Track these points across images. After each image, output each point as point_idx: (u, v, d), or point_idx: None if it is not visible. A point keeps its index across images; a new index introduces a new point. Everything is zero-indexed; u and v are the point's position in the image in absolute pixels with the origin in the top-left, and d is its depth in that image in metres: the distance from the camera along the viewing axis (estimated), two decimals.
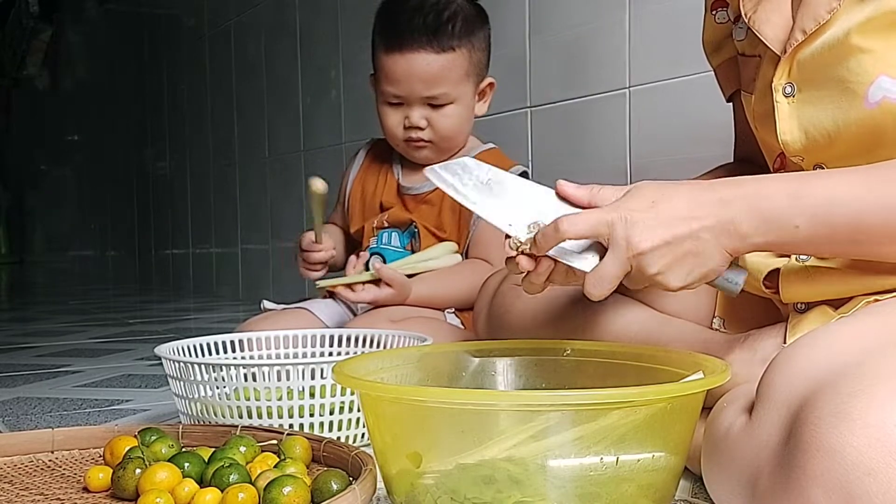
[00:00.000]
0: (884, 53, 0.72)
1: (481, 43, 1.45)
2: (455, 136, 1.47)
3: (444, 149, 1.48)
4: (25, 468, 0.84)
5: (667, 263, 0.69)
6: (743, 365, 0.77)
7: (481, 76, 1.47)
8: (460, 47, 1.41)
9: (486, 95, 1.50)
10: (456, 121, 1.45)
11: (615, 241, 0.69)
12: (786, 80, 0.79)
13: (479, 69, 1.46)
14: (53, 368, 1.68)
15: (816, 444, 0.54)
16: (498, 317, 1.02)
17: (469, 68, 1.43)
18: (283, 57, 2.77)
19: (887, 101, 0.72)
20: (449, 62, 1.40)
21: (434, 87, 1.41)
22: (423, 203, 1.49)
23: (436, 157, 1.47)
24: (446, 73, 1.40)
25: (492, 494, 0.63)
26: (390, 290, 1.35)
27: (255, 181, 3.02)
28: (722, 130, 1.05)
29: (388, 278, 1.35)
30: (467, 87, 1.44)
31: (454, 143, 1.48)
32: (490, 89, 1.50)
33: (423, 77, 1.40)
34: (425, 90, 1.41)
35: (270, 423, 0.94)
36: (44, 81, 5.73)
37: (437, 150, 1.48)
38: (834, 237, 0.69)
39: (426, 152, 1.47)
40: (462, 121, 1.46)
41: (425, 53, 1.39)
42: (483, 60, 1.47)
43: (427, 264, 1.43)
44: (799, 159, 0.80)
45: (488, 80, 1.48)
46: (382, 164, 1.56)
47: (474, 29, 1.44)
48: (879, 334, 0.62)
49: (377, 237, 1.50)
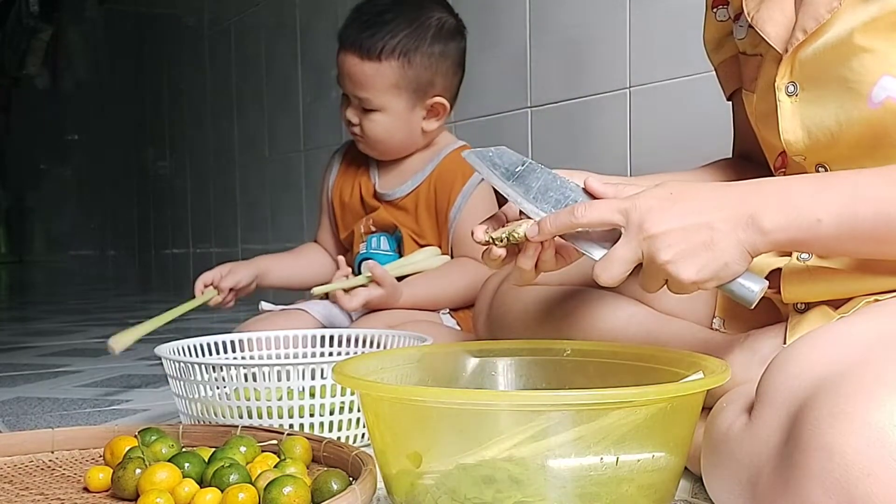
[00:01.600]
0: (887, 53, 0.72)
1: (425, 62, 1.44)
2: (383, 141, 1.49)
3: (381, 152, 1.52)
4: (25, 468, 0.84)
5: (680, 251, 0.67)
6: (742, 365, 0.77)
7: (423, 93, 1.45)
8: (389, 59, 1.41)
9: (440, 113, 1.49)
10: (382, 128, 1.47)
11: (629, 225, 0.69)
12: (788, 80, 0.78)
13: (416, 85, 1.44)
14: (53, 368, 1.68)
15: (816, 443, 0.54)
16: (498, 317, 1.02)
17: (399, 82, 1.43)
18: (283, 57, 2.77)
19: (890, 101, 0.72)
20: (373, 70, 1.42)
21: (359, 90, 1.45)
22: (398, 209, 1.51)
23: (377, 155, 1.54)
24: (370, 81, 1.43)
25: (492, 494, 0.63)
26: (381, 290, 1.36)
27: (255, 181, 3.02)
28: (722, 130, 1.05)
29: (380, 277, 1.36)
30: (397, 100, 1.44)
31: (388, 147, 1.50)
32: (443, 110, 1.48)
33: (351, 78, 1.45)
34: (353, 90, 1.46)
35: (270, 423, 0.94)
36: (44, 81, 5.72)
37: (374, 150, 1.52)
38: (856, 233, 0.67)
39: (365, 148, 1.53)
40: (391, 130, 1.47)
41: (352, 56, 1.44)
42: (426, 79, 1.45)
43: (415, 266, 1.44)
44: (801, 159, 0.80)
45: (437, 99, 1.47)
46: (359, 168, 1.58)
47: (413, 50, 1.42)
48: (880, 334, 0.62)
49: (366, 242, 1.51)
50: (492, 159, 0.78)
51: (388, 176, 1.54)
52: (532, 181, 0.77)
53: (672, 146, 1.48)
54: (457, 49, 1.49)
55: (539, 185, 0.77)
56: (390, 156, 1.53)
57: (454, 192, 1.47)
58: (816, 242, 0.69)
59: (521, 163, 0.78)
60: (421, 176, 1.50)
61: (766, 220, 0.67)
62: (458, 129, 1.92)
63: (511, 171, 0.77)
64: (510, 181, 0.77)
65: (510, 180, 0.77)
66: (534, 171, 0.78)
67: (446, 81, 1.48)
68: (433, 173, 1.49)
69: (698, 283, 0.68)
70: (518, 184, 0.77)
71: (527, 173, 0.77)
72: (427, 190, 1.49)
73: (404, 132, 1.49)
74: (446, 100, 1.48)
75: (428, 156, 1.52)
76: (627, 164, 1.56)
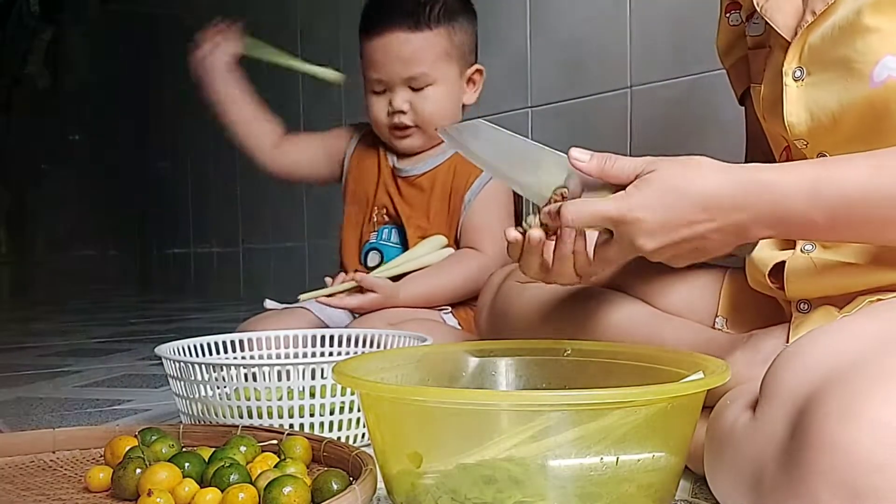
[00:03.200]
0: (891, 32, 0.72)
1: (465, 28, 1.43)
2: (439, 120, 1.42)
3: (431, 135, 1.45)
4: (27, 468, 0.84)
5: (671, 257, 0.72)
6: (745, 365, 0.76)
7: (466, 61, 1.45)
8: (438, 27, 1.39)
9: (476, 83, 1.47)
10: (439, 104, 1.42)
11: (620, 237, 0.72)
12: (796, 65, 0.79)
13: (462, 52, 1.43)
14: (54, 368, 1.68)
15: (823, 440, 0.53)
16: (500, 314, 1.02)
17: (450, 49, 1.41)
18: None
19: (892, 80, 0.72)
20: (425, 41, 1.39)
21: (412, 67, 1.39)
22: (414, 187, 1.48)
23: (421, 145, 1.47)
24: (423, 52, 1.39)
25: (492, 494, 0.63)
26: (374, 294, 1.35)
27: (256, 181, 3.02)
28: (723, 131, 1.05)
29: (370, 285, 1.34)
30: (449, 69, 1.42)
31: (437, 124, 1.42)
32: (479, 76, 1.47)
33: (401, 56, 1.39)
34: (404, 71, 1.40)
35: (271, 423, 0.94)
36: (45, 81, 5.72)
37: (423, 137, 1.46)
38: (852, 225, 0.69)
39: (410, 140, 1.46)
40: (446, 104, 1.43)
41: (400, 32, 1.39)
42: (467, 45, 1.44)
43: (420, 261, 1.42)
44: (803, 144, 0.79)
45: (476, 66, 1.46)
46: (377, 148, 1.54)
47: (455, 13, 1.42)
48: (885, 331, 0.62)
49: (377, 232, 1.50)
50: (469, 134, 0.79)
51: (408, 157, 1.50)
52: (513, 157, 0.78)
53: (672, 146, 1.48)
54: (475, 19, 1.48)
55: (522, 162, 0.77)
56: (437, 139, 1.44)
57: (472, 176, 1.44)
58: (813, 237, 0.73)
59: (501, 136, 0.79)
60: (442, 157, 1.47)
61: (760, 228, 0.70)
62: None
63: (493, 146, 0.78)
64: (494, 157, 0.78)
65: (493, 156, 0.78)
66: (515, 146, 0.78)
67: (476, 50, 1.47)
68: (455, 156, 1.46)
69: None
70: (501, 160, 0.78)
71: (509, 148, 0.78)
72: (447, 171, 1.46)
73: (454, 107, 1.45)
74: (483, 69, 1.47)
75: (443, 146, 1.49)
76: None
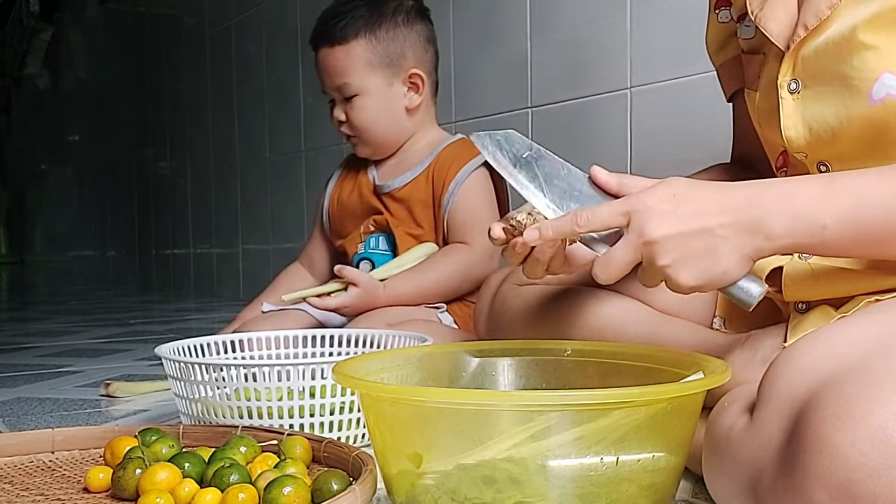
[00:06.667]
0: (888, 50, 0.72)
1: (393, 35, 1.47)
2: (371, 127, 1.50)
3: (374, 143, 1.52)
4: (26, 468, 0.84)
5: (678, 257, 0.68)
6: (743, 365, 0.76)
7: (398, 67, 1.48)
8: (356, 38, 1.46)
9: (419, 86, 1.51)
10: (368, 112, 1.49)
11: (629, 228, 0.70)
12: (790, 77, 0.78)
13: (388, 60, 1.48)
14: (54, 368, 1.68)
15: (819, 444, 0.53)
16: (499, 315, 1.02)
17: (371, 59, 1.47)
18: (284, 57, 2.77)
19: (891, 98, 0.72)
20: (344, 53, 1.46)
21: (335, 79, 1.48)
22: (395, 200, 1.51)
23: (372, 152, 1.54)
24: (344, 65, 1.46)
25: (492, 495, 0.63)
26: (356, 290, 1.35)
27: (256, 181, 3.02)
28: (723, 131, 1.05)
29: (352, 278, 1.36)
30: (373, 78, 1.47)
31: (378, 135, 1.51)
32: (421, 82, 1.50)
33: (326, 69, 1.49)
34: (330, 82, 1.49)
35: (271, 423, 0.94)
36: (44, 81, 5.73)
37: (368, 146, 1.52)
38: (861, 237, 0.68)
39: (360, 148, 1.54)
40: (377, 111, 1.49)
41: (322, 49, 1.48)
42: (396, 52, 1.48)
43: (408, 266, 1.43)
44: (802, 156, 0.79)
45: (412, 70, 1.49)
46: (358, 170, 1.59)
47: (375, 24, 1.47)
48: (882, 334, 0.62)
49: (364, 242, 1.51)
50: (499, 143, 0.78)
51: (387, 170, 1.55)
52: (538, 168, 0.77)
53: (672, 146, 1.48)
54: (423, 27, 1.51)
55: (545, 172, 0.76)
56: (385, 148, 1.53)
57: (448, 178, 1.48)
58: (822, 247, 0.69)
59: (529, 148, 0.78)
60: (420, 167, 1.51)
61: (771, 227, 0.68)
62: (459, 130, 1.92)
63: (518, 157, 0.77)
64: (516, 167, 0.77)
65: (516, 166, 0.77)
66: (541, 158, 0.77)
67: (418, 54, 1.50)
68: (431, 165, 1.50)
69: (696, 287, 0.70)
70: (524, 170, 0.77)
71: (533, 159, 0.77)
72: (425, 181, 1.50)
73: (390, 114, 1.50)
74: (422, 73, 1.50)
75: (426, 150, 1.54)
76: (627, 165, 1.56)
